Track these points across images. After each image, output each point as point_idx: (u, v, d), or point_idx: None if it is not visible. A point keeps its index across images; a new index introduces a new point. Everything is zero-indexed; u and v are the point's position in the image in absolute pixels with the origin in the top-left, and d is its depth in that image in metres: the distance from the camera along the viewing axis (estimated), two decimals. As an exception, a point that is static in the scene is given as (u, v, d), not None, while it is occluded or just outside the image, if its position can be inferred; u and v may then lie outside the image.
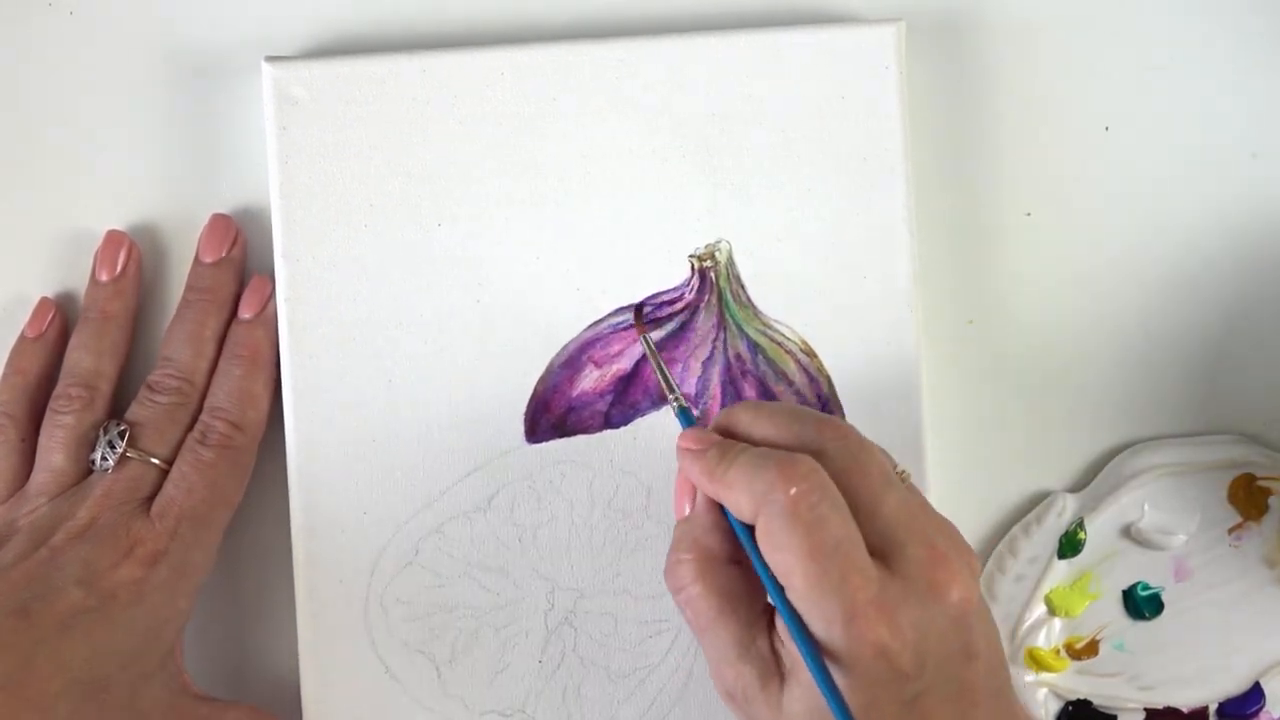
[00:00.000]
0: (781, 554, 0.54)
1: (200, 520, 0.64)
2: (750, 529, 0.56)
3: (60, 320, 0.69)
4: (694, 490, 0.59)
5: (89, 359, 0.67)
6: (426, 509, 0.67)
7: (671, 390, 0.64)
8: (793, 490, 0.54)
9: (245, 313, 0.67)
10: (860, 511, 0.55)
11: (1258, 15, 0.72)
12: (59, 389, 0.66)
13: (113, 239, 0.69)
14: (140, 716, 0.62)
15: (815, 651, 0.53)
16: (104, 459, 0.65)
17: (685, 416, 0.63)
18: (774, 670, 0.56)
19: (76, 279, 0.70)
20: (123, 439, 0.65)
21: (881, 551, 0.55)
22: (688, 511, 0.59)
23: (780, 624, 0.56)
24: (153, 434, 0.65)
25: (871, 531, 0.55)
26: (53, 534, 0.63)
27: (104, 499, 0.64)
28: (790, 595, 0.54)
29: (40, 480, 0.65)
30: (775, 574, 0.54)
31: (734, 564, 0.58)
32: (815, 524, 0.54)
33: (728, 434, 0.59)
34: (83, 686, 0.59)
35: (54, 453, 0.65)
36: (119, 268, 0.68)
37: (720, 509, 0.58)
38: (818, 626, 0.53)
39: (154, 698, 0.63)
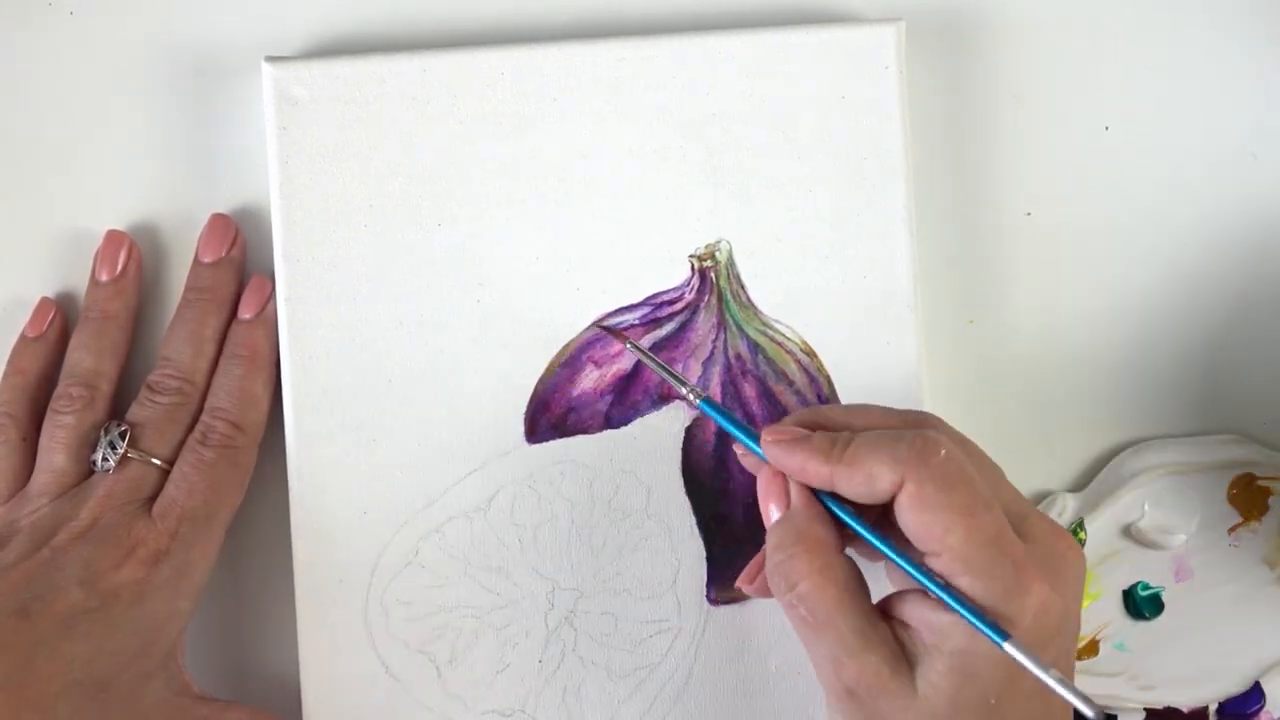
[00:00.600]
0: (939, 514, 0.53)
1: (202, 520, 0.64)
2: (859, 515, 0.57)
3: (61, 320, 0.69)
4: (784, 493, 0.58)
5: (89, 359, 0.67)
6: (427, 509, 0.67)
7: (684, 384, 0.63)
8: (943, 452, 0.54)
9: (245, 313, 0.67)
10: (986, 484, 0.56)
11: (1258, 15, 0.72)
12: (60, 389, 0.67)
13: (113, 239, 0.69)
14: (141, 717, 0.62)
15: (975, 609, 0.53)
16: (105, 460, 0.65)
17: (712, 406, 0.62)
18: (901, 658, 0.55)
19: (77, 279, 0.70)
20: (123, 440, 0.65)
21: (1009, 520, 0.55)
22: (776, 516, 0.58)
23: (907, 606, 0.56)
24: (153, 434, 0.65)
25: (999, 500, 0.56)
26: (54, 534, 0.63)
27: (105, 499, 0.64)
28: (946, 558, 0.54)
29: (41, 480, 0.65)
30: (927, 539, 0.54)
31: (842, 554, 0.57)
32: (970, 482, 0.54)
33: (813, 428, 0.59)
34: (83, 687, 0.59)
35: (55, 453, 0.65)
36: (119, 268, 0.68)
37: (820, 506, 0.58)
38: (978, 585, 0.53)
39: (155, 697, 0.63)
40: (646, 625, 0.67)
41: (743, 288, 0.67)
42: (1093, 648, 0.71)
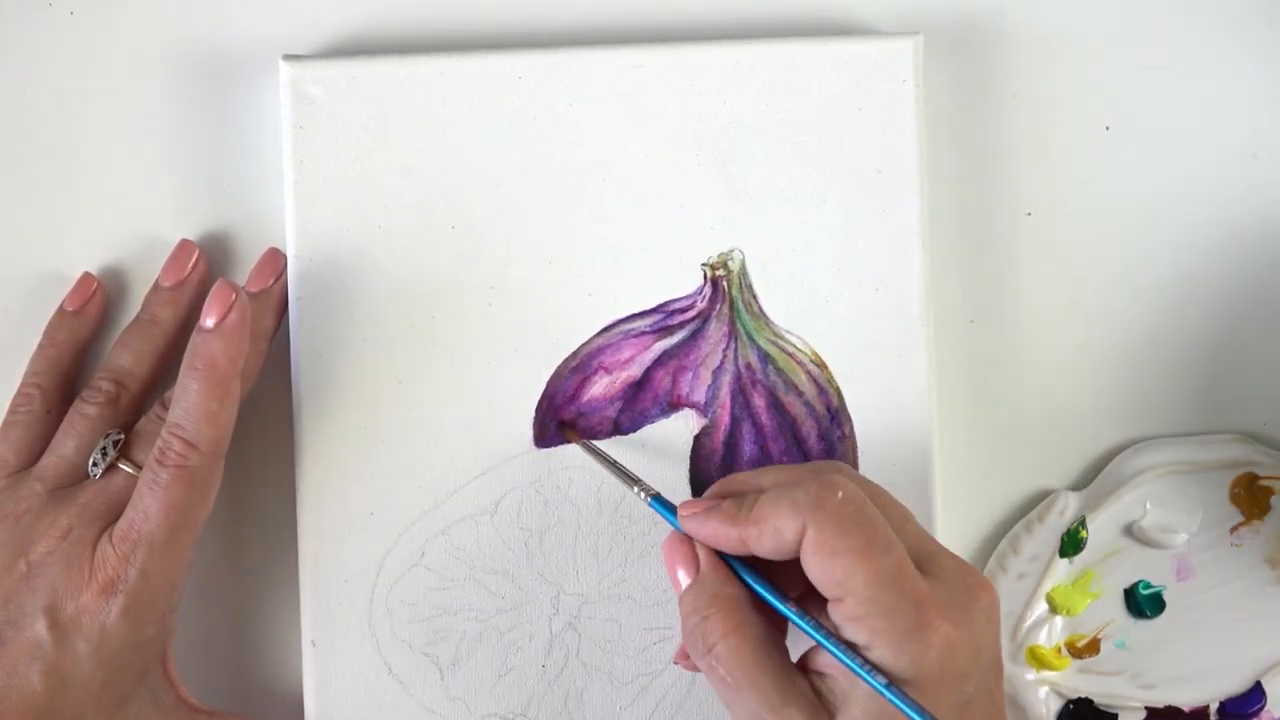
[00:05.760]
0: (839, 558, 0.54)
1: (157, 545, 0.62)
2: (766, 579, 0.57)
3: (101, 297, 0.69)
4: (693, 559, 0.59)
5: (128, 358, 0.67)
6: (433, 511, 0.67)
7: (636, 483, 0.63)
8: (840, 494, 0.55)
9: (207, 319, 0.64)
10: (891, 524, 0.56)
11: (1258, 15, 0.72)
12: (93, 380, 0.66)
13: (183, 248, 0.69)
14: None
15: (853, 656, 0.54)
16: (94, 464, 0.64)
17: (661, 503, 0.62)
18: (820, 708, 0.55)
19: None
20: (115, 448, 0.64)
21: (915, 559, 0.56)
22: (686, 583, 0.59)
23: (823, 655, 0.56)
24: (145, 447, 0.64)
25: (905, 541, 0.56)
26: (35, 542, 0.62)
27: (82, 509, 0.63)
28: (850, 601, 0.54)
29: (46, 464, 0.65)
30: (830, 584, 0.54)
31: (757, 611, 0.58)
32: (869, 523, 0.55)
33: (726, 496, 0.60)
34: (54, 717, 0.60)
35: (69, 439, 0.65)
36: (180, 277, 0.68)
37: (728, 567, 0.58)
38: (880, 625, 0.54)
39: (139, 717, 0.63)
40: (650, 632, 0.67)
41: (754, 297, 0.67)
42: (1094, 646, 0.72)
